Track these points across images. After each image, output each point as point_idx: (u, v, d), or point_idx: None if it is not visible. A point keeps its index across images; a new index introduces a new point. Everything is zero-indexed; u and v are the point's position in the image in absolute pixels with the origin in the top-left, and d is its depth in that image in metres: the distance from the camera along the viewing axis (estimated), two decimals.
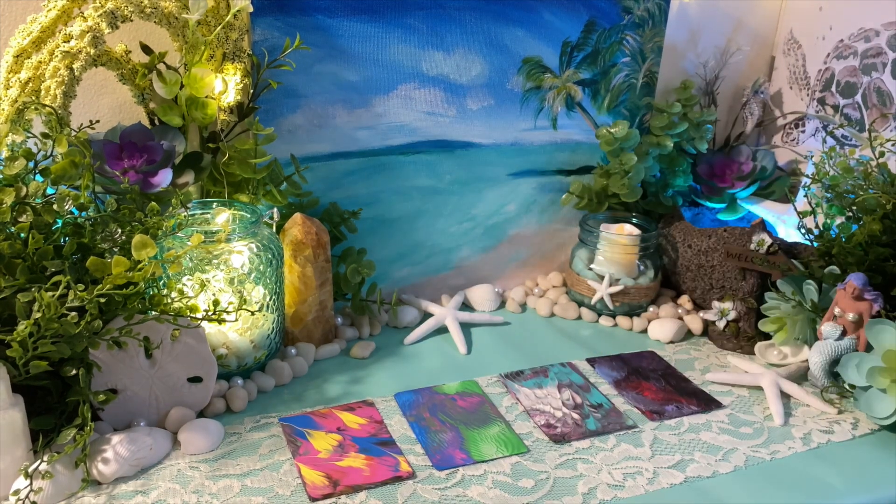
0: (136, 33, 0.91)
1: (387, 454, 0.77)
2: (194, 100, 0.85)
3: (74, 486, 0.68)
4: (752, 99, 1.22)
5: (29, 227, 0.70)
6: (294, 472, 0.73)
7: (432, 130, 1.03)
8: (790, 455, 0.79)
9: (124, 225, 0.75)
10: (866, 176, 0.95)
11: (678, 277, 1.12)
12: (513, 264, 1.16)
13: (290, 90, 0.93)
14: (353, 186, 1.01)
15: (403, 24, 0.96)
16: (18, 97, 0.79)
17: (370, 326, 1.02)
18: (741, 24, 1.24)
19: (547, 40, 1.04)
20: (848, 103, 1.14)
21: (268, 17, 0.89)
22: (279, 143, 0.93)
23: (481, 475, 0.74)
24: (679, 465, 0.77)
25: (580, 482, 0.74)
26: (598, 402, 0.88)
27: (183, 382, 0.79)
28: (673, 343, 1.03)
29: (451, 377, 0.92)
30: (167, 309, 0.75)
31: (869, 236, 0.90)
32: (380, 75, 0.97)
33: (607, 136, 1.08)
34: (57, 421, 0.72)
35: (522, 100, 1.06)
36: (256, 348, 0.88)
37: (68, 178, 0.75)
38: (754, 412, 0.87)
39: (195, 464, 0.74)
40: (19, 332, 0.63)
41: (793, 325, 0.96)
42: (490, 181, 1.09)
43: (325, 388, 0.89)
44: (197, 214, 0.87)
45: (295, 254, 0.91)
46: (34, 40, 0.80)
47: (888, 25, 1.07)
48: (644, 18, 1.09)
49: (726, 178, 1.17)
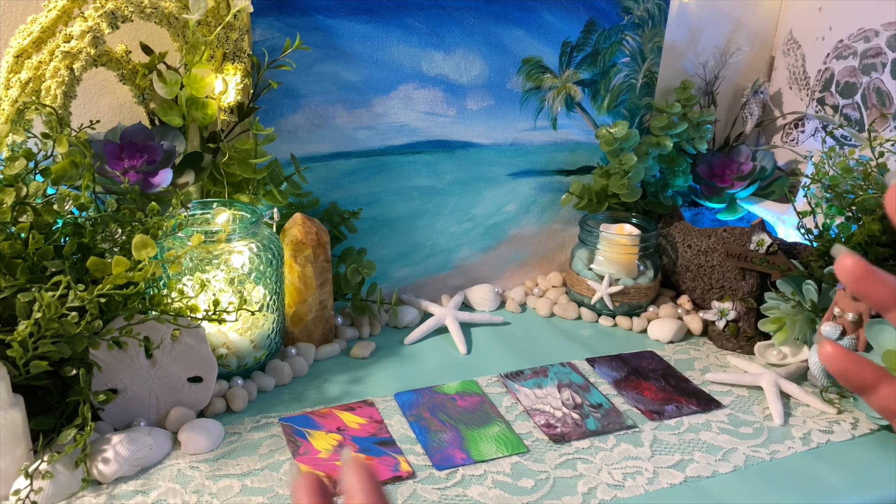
0: (137, 33, 0.91)
1: (387, 454, 0.77)
2: (194, 100, 0.85)
3: (74, 485, 0.68)
4: (751, 99, 1.22)
5: (29, 227, 0.70)
6: (294, 472, 0.73)
7: (432, 130, 1.03)
8: (790, 455, 0.79)
9: (124, 225, 0.75)
10: (866, 176, 0.95)
11: (678, 277, 1.12)
12: (513, 264, 1.17)
13: (290, 90, 0.93)
14: (353, 186, 1.01)
15: (403, 24, 0.96)
16: (19, 97, 0.79)
17: (370, 326, 1.02)
18: (741, 25, 1.24)
19: (547, 40, 1.05)
20: (847, 103, 1.14)
21: (268, 18, 0.89)
22: (279, 143, 0.93)
23: (481, 475, 0.74)
24: (679, 465, 0.77)
25: (580, 482, 0.74)
26: (598, 401, 0.88)
27: (183, 382, 0.79)
28: (673, 343, 1.03)
29: (451, 377, 0.92)
30: (167, 309, 0.75)
31: (868, 236, 0.90)
32: (380, 75, 0.97)
33: (607, 136, 1.08)
34: (57, 421, 0.72)
35: (522, 100, 1.06)
36: (256, 348, 0.88)
37: (68, 178, 0.75)
38: (754, 412, 0.87)
39: (195, 464, 0.74)
40: (19, 332, 0.63)
41: (792, 325, 0.96)
42: (490, 181, 1.09)
43: (325, 388, 0.89)
44: (197, 214, 0.87)
45: (295, 254, 0.91)
46: (34, 40, 0.80)
47: (888, 25, 1.07)
48: (644, 19, 1.09)
49: (726, 178, 1.17)
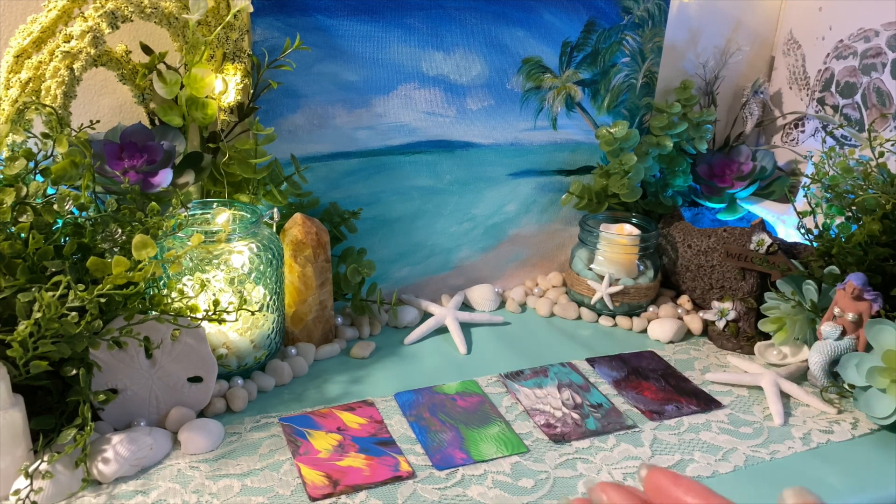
0: (137, 33, 0.91)
1: (387, 454, 0.77)
2: (194, 100, 0.85)
3: (75, 485, 0.68)
4: (751, 99, 1.22)
5: (29, 228, 0.70)
6: (294, 472, 0.73)
7: (432, 130, 1.03)
8: (790, 455, 0.79)
9: (124, 225, 0.75)
10: (866, 176, 0.95)
11: (678, 277, 1.12)
12: (513, 264, 1.17)
13: (290, 90, 0.93)
14: (353, 186, 1.01)
15: (403, 24, 0.96)
16: (19, 97, 0.79)
17: (370, 326, 1.02)
18: (741, 25, 1.24)
19: (547, 40, 1.05)
20: (847, 103, 1.14)
21: (268, 18, 0.89)
22: (279, 143, 0.93)
23: (481, 475, 0.74)
24: (679, 465, 0.77)
25: (580, 482, 0.74)
26: (598, 401, 0.88)
27: (183, 382, 0.79)
28: (673, 343, 1.03)
29: (451, 377, 0.92)
30: (167, 309, 0.75)
31: (868, 236, 0.90)
32: (380, 75, 0.97)
33: (607, 136, 1.08)
34: (57, 421, 0.72)
35: (522, 100, 1.06)
36: (256, 348, 0.88)
37: (68, 178, 0.75)
38: (754, 412, 0.87)
39: (195, 464, 0.74)
40: (19, 332, 0.63)
41: (792, 325, 0.96)
42: (490, 181, 1.09)
43: (325, 387, 0.89)
44: (197, 214, 0.87)
45: (295, 254, 0.91)
46: (34, 40, 0.80)
47: (888, 25, 1.07)
48: (644, 18, 1.09)
49: (726, 178, 1.17)
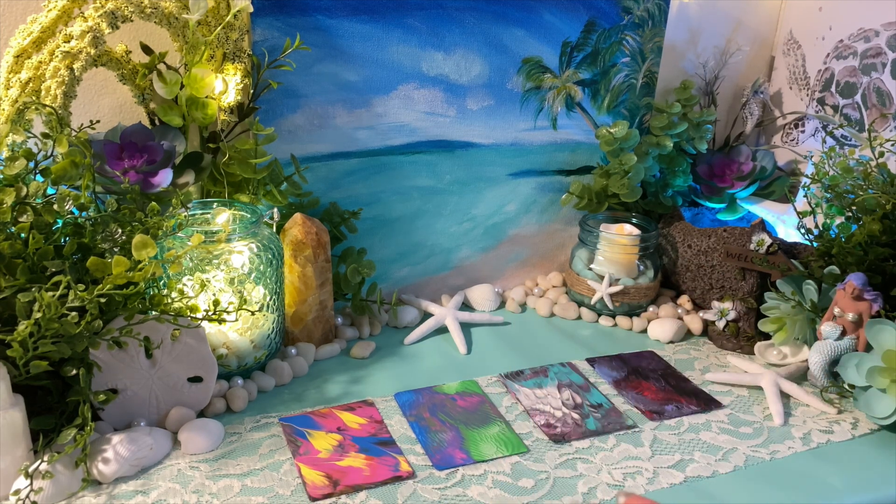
0: (137, 33, 0.91)
1: (387, 454, 0.77)
2: (194, 100, 0.85)
3: (75, 485, 0.68)
4: (751, 99, 1.22)
5: (29, 227, 0.70)
6: (294, 472, 0.73)
7: (432, 130, 1.03)
8: (790, 455, 0.79)
9: (125, 225, 0.75)
10: (866, 176, 0.95)
11: (678, 277, 1.12)
12: (513, 264, 1.17)
13: (290, 90, 0.93)
14: (353, 186, 1.01)
15: (403, 24, 0.96)
16: (19, 97, 0.79)
17: (370, 326, 1.02)
18: (741, 25, 1.24)
19: (547, 40, 1.05)
20: (847, 103, 1.14)
21: (268, 18, 0.89)
22: (279, 143, 0.93)
23: (481, 475, 0.74)
24: (679, 465, 0.77)
25: (580, 482, 0.74)
26: (598, 401, 0.88)
27: (183, 382, 0.79)
28: (673, 343, 1.03)
29: (451, 377, 0.92)
30: (167, 309, 0.75)
31: (868, 236, 0.90)
32: (380, 75, 0.97)
33: (607, 136, 1.08)
34: (57, 421, 0.72)
35: (522, 100, 1.06)
36: (256, 348, 0.88)
37: (69, 178, 0.75)
38: (754, 412, 0.87)
39: (195, 464, 0.74)
40: (20, 332, 0.63)
41: (792, 325, 0.96)
42: (490, 181, 1.09)
43: (325, 387, 0.89)
44: (197, 214, 0.87)
45: (295, 254, 0.91)
46: (34, 40, 0.80)
47: (888, 25, 1.07)
48: (644, 18, 1.09)
49: (726, 178, 1.17)
